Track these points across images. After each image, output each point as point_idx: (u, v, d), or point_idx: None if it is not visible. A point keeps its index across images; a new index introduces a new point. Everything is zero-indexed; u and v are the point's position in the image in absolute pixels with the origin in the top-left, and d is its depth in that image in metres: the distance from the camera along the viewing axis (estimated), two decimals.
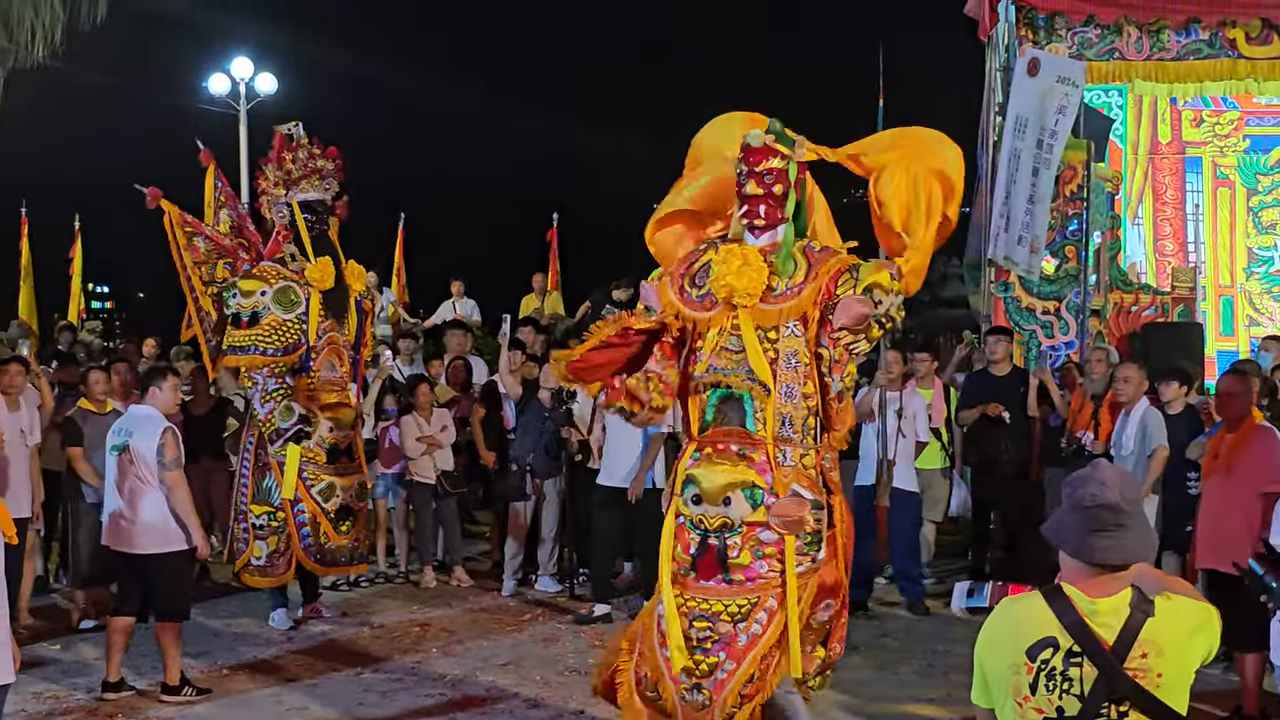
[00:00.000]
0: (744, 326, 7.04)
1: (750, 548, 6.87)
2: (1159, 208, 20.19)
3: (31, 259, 23.29)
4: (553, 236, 21.51)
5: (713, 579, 6.90)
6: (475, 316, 19.63)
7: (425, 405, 13.01)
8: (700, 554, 6.93)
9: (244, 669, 10.10)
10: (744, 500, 6.88)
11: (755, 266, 7.01)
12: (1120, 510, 3.72)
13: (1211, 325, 19.16)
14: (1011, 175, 13.68)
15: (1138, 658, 3.70)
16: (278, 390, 11.26)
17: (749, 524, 6.87)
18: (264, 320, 11.18)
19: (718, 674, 6.81)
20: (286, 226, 11.51)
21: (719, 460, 6.97)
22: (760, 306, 7.05)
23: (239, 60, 30.28)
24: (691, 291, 7.29)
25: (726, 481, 6.90)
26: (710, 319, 7.16)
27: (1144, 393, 10.91)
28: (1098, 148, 16.03)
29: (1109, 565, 3.75)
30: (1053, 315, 15.39)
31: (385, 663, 10.23)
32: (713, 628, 6.84)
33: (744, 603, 6.85)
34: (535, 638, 10.98)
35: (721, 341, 7.10)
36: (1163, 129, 19.97)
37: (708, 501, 6.94)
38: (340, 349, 11.61)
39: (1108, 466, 3.85)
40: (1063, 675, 3.73)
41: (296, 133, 11.61)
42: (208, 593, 12.47)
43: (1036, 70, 13.70)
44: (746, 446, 6.97)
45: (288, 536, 11.19)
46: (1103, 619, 3.73)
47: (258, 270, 11.34)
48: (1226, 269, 20.12)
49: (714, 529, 6.91)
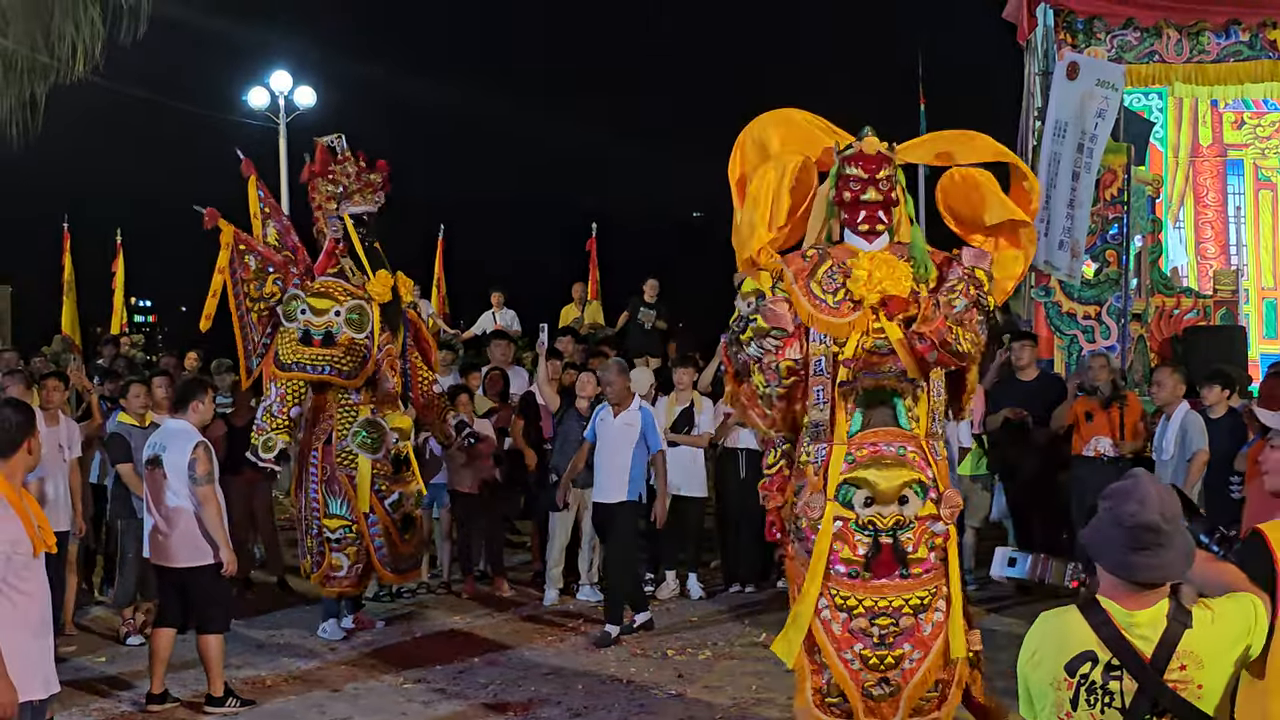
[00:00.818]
0: (889, 326, 7.23)
1: (924, 541, 7.12)
2: (1200, 211, 20.06)
3: (74, 273, 23.44)
4: (592, 246, 21.53)
5: (890, 576, 7.11)
6: (515, 327, 19.65)
7: (466, 415, 13.01)
8: (874, 554, 7.11)
9: (287, 679, 10.13)
10: (917, 496, 7.11)
11: (904, 272, 7.26)
12: (1160, 529, 3.69)
13: (1254, 328, 19.03)
14: (1051, 179, 13.62)
15: (1177, 670, 3.69)
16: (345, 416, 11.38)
17: (920, 518, 7.11)
18: (339, 339, 11.25)
19: (905, 663, 7.09)
20: (338, 240, 11.56)
21: (888, 462, 7.14)
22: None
23: (278, 74, 30.40)
24: (826, 298, 7.36)
25: (902, 481, 7.09)
26: (853, 323, 7.29)
27: (1181, 396, 10.87)
28: (1138, 151, 15.95)
29: (1150, 583, 3.74)
30: (1094, 320, 15.32)
31: (428, 672, 10.23)
32: (895, 622, 7.09)
33: (924, 594, 7.12)
34: (577, 647, 10.98)
35: (867, 345, 7.25)
36: (1203, 131, 19.85)
37: (881, 503, 7.10)
38: (395, 361, 11.70)
39: (1148, 482, 3.81)
40: (1103, 689, 3.73)
41: (340, 145, 11.65)
42: (251, 605, 12.52)
43: (1076, 74, 13.66)
44: (902, 445, 7.19)
45: (364, 549, 11.30)
46: (1140, 631, 3.72)
47: (322, 286, 11.39)
48: (1269, 271, 19.96)
49: (887, 528, 7.09)
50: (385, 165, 11.74)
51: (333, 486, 11.31)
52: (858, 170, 7.36)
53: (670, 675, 10.03)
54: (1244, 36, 16.36)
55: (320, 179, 11.63)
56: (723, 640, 11.06)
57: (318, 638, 11.30)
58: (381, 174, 11.69)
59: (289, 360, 11.29)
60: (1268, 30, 16.25)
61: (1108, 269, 15.36)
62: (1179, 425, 10.59)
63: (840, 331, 7.31)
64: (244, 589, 13.15)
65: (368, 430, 11.38)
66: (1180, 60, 16.57)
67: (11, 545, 5.91)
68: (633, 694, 9.57)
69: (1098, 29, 16.39)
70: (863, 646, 7.09)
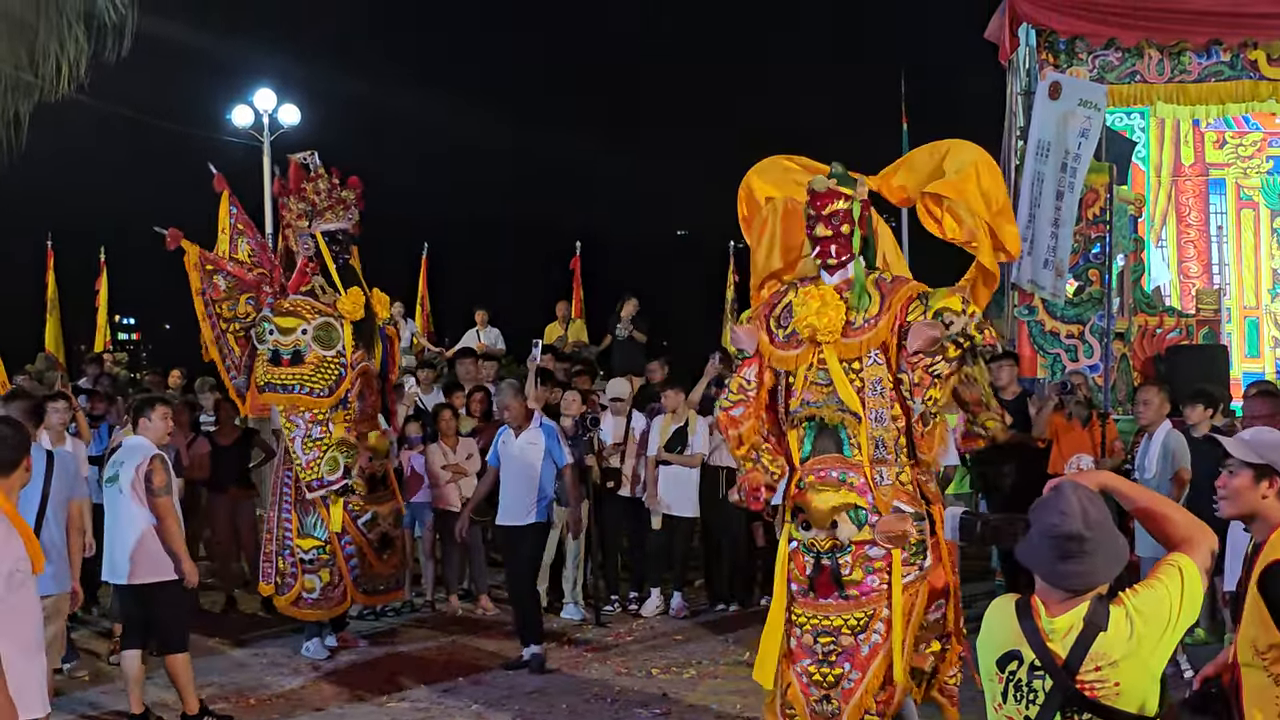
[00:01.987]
0: (830, 361, 7.47)
1: (860, 564, 7.30)
2: (1182, 230, 20.17)
3: (58, 291, 23.40)
4: (576, 265, 21.56)
5: (830, 596, 7.36)
6: (499, 346, 19.68)
7: (450, 433, 13.03)
8: (816, 574, 7.39)
9: (271, 698, 10.12)
10: (849, 521, 7.31)
11: (833, 305, 7.47)
12: (1084, 538, 3.86)
13: (1236, 347, 19.13)
14: (1035, 199, 13.66)
15: (1091, 671, 3.85)
16: (322, 440, 11.28)
17: (857, 543, 7.30)
18: (307, 359, 11.22)
19: (844, 683, 7.28)
20: (311, 258, 11.54)
21: (822, 487, 7.39)
22: (842, 341, 7.47)
23: (262, 92, 30.46)
24: (778, 333, 7.73)
25: (831, 506, 7.33)
26: (798, 357, 7.58)
27: (1165, 415, 10.91)
28: (1120, 170, 16.02)
29: (1077, 590, 3.91)
30: (1076, 339, 15.39)
31: (412, 691, 10.23)
32: (835, 641, 7.32)
33: (861, 615, 7.30)
34: (561, 665, 10.97)
35: (811, 377, 7.54)
36: (1185, 151, 19.97)
37: (815, 526, 7.37)
38: (371, 379, 11.66)
39: (1069, 492, 3.95)
40: (1028, 686, 3.93)
41: (313, 162, 11.64)
42: (235, 623, 12.52)
43: (1058, 94, 13.70)
44: (845, 471, 7.40)
45: (338, 569, 11.27)
46: (1057, 636, 3.90)
47: (290, 305, 11.35)
48: (1251, 290, 20.07)
49: (825, 550, 7.36)
50: (358, 182, 11.72)
51: (306, 506, 11.27)
52: (810, 208, 7.67)
53: (655, 694, 10.03)
54: (1225, 57, 16.45)
55: (291, 196, 11.62)
56: (707, 659, 11.07)
57: (301, 656, 11.28)
58: (354, 191, 11.66)
59: (262, 382, 11.29)
60: (1248, 50, 16.34)
61: (1090, 288, 15.43)
62: (1161, 444, 10.63)
63: (787, 364, 7.67)
64: (228, 607, 13.16)
65: (343, 471, 11.37)
66: (1162, 80, 16.66)
67: (14, 563, 5.90)
68: (617, 713, 9.57)
69: (1079, 49, 16.47)
70: (809, 662, 7.36)
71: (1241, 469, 4.80)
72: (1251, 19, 16.00)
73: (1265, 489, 4.76)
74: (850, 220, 7.60)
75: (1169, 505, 4.25)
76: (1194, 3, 16.12)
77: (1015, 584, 12.10)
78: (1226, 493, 4.87)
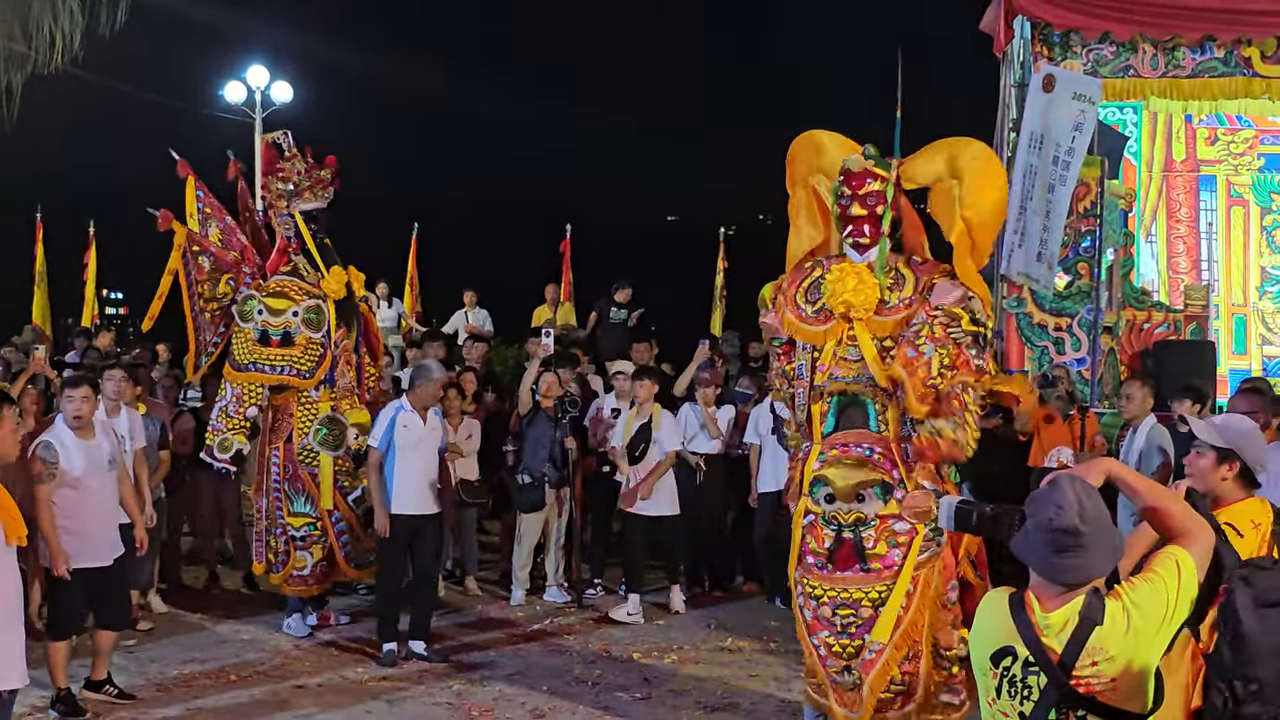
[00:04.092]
0: (861, 338, 7.56)
1: (885, 538, 7.40)
2: (1172, 225, 20.19)
3: (46, 264, 23.33)
4: (566, 248, 21.51)
5: (850, 569, 7.43)
6: (488, 327, 19.67)
7: (455, 413, 12.77)
8: (836, 547, 7.46)
9: (252, 674, 10.10)
10: (876, 496, 7.41)
11: (869, 283, 7.58)
12: (1080, 532, 3.85)
13: (1224, 343, 19.14)
14: (1027, 191, 13.66)
15: (1088, 666, 3.84)
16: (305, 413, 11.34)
17: (882, 517, 7.41)
18: (297, 340, 11.22)
19: (865, 654, 7.37)
20: (290, 238, 11.56)
21: (847, 460, 7.48)
22: (875, 318, 7.55)
23: (255, 68, 30.41)
24: (806, 308, 7.81)
25: (859, 480, 7.41)
26: (827, 332, 7.67)
27: (1149, 410, 10.93)
28: (1112, 165, 16.04)
29: (1072, 584, 3.90)
30: (1064, 332, 15.38)
31: (392, 670, 10.24)
32: (856, 614, 7.42)
33: (883, 588, 7.41)
34: (543, 648, 10.99)
35: (841, 352, 7.64)
36: (1177, 147, 19.98)
37: (841, 500, 7.45)
38: (350, 356, 11.68)
39: (1066, 486, 3.95)
40: (1022, 683, 3.93)
41: (286, 143, 11.66)
42: (217, 600, 12.51)
43: (1052, 87, 13.70)
44: (871, 447, 7.49)
45: (329, 545, 11.28)
46: (1052, 631, 3.89)
47: (278, 285, 11.36)
48: (1240, 287, 20.10)
49: (849, 524, 7.44)
50: (334, 161, 11.72)
51: (295, 484, 11.29)
52: (846, 187, 7.74)
53: (636, 678, 10.04)
54: (1219, 53, 16.42)
55: (271, 177, 11.63)
56: (688, 644, 11.08)
57: (283, 634, 11.28)
58: (330, 170, 11.68)
59: (245, 361, 11.27)
60: (1242, 47, 16.31)
61: (1079, 281, 15.43)
62: (1145, 438, 10.66)
63: (815, 339, 7.74)
64: (210, 583, 13.15)
65: (328, 427, 11.36)
66: (1155, 75, 16.62)
67: None
68: (597, 696, 9.58)
69: (1074, 42, 16.45)
70: (828, 634, 7.45)
71: (1207, 450, 5.26)
72: (1246, 15, 15.98)
73: (1225, 471, 5.23)
74: (884, 201, 7.70)
75: (1169, 498, 4.23)
76: None
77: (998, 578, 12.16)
78: (1191, 470, 5.30)
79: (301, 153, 11.61)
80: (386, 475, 10.65)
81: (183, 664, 10.23)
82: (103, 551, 9.04)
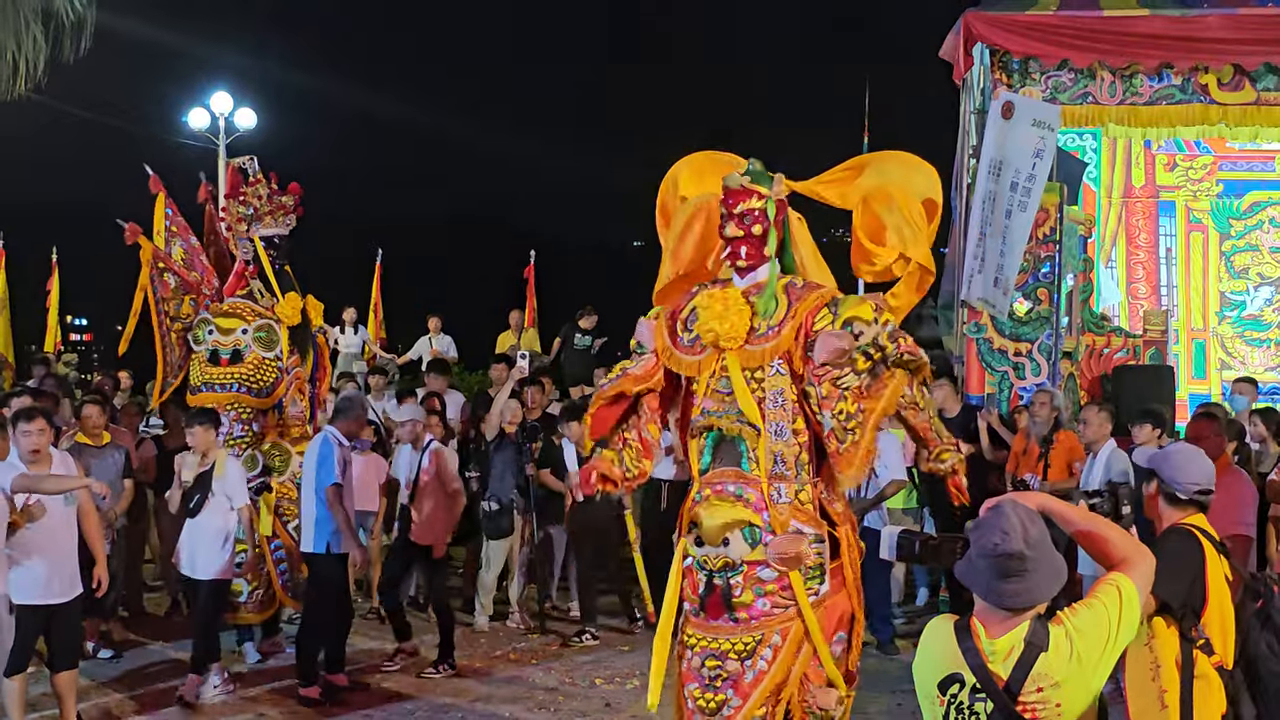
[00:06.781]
0: (731, 369, 6.97)
1: (751, 586, 6.79)
2: (1132, 251, 20.32)
3: (8, 290, 23.24)
4: (530, 274, 21.56)
5: (719, 618, 6.87)
6: (452, 353, 19.69)
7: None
8: (707, 594, 6.88)
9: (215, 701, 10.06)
10: (742, 540, 6.80)
11: (736, 309, 7.00)
12: (1024, 556, 3.85)
13: (1183, 369, 19.26)
14: (986, 218, 13.74)
15: (1033, 692, 3.84)
16: (243, 438, 11.33)
17: (749, 563, 6.78)
18: (247, 358, 11.26)
19: (724, 710, 6.80)
20: (248, 262, 11.61)
21: (717, 501, 6.91)
22: (745, 348, 7.00)
23: (219, 95, 30.41)
24: (683, 336, 7.22)
25: (724, 522, 6.81)
26: (701, 363, 7.11)
27: (1108, 434, 10.99)
28: (1071, 191, 16.14)
29: (1017, 608, 3.90)
30: (1024, 357, 15.47)
31: (352, 696, 10.23)
32: (721, 666, 6.82)
33: (749, 640, 6.81)
34: (506, 673, 11.00)
35: (713, 384, 7.05)
36: (1136, 173, 20.13)
37: (708, 542, 6.87)
38: (303, 384, 11.72)
39: (1010, 511, 3.93)
40: (970, 710, 3.91)
41: (251, 168, 11.74)
42: (178, 627, 12.47)
43: (1011, 114, 13.79)
44: (742, 486, 6.91)
45: (266, 573, 11.24)
46: (998, 658, 3.89)
47: (230, 306, 11.42)
48: (1199, 312, 20.23)
49: (717, 569, 6.84)
50: (298, 188, 11.77)
51: None
52: (723, 206, 7.20)
53: (598, 704, 10.07)
54: (1176, 80, 16.56)
55: (231, 200, 11.69)
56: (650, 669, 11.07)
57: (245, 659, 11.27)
58: (294, 197, 11.73)
59: (198, 382, 11.33)
60: (1199, 74, 16.45)
61: (1039, 307, 15.52)
62: (1105, 463, 10.73)
63: (690, 369, 7.19)
64: (172, 610, 13.11)
65: (261, 469, 11.37)
66: (1113, 102, 16.75)
67: None
68: None
69: (1033, 69, 16.56)
70: (695, 685, 6.91)
71: (1150, 478, 5.49)
72: (1203, 44, 16.12)
73: (1150, 491, 5.49)
74: (764, 220, 7.12)
75: (1106, 526, 4.26)
76: (1146, 26, 16.21)
77: (960, 603, 12.19)
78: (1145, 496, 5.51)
79: (266, 178, 11.66)
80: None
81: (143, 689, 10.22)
82: (55, 588, 8.71)
